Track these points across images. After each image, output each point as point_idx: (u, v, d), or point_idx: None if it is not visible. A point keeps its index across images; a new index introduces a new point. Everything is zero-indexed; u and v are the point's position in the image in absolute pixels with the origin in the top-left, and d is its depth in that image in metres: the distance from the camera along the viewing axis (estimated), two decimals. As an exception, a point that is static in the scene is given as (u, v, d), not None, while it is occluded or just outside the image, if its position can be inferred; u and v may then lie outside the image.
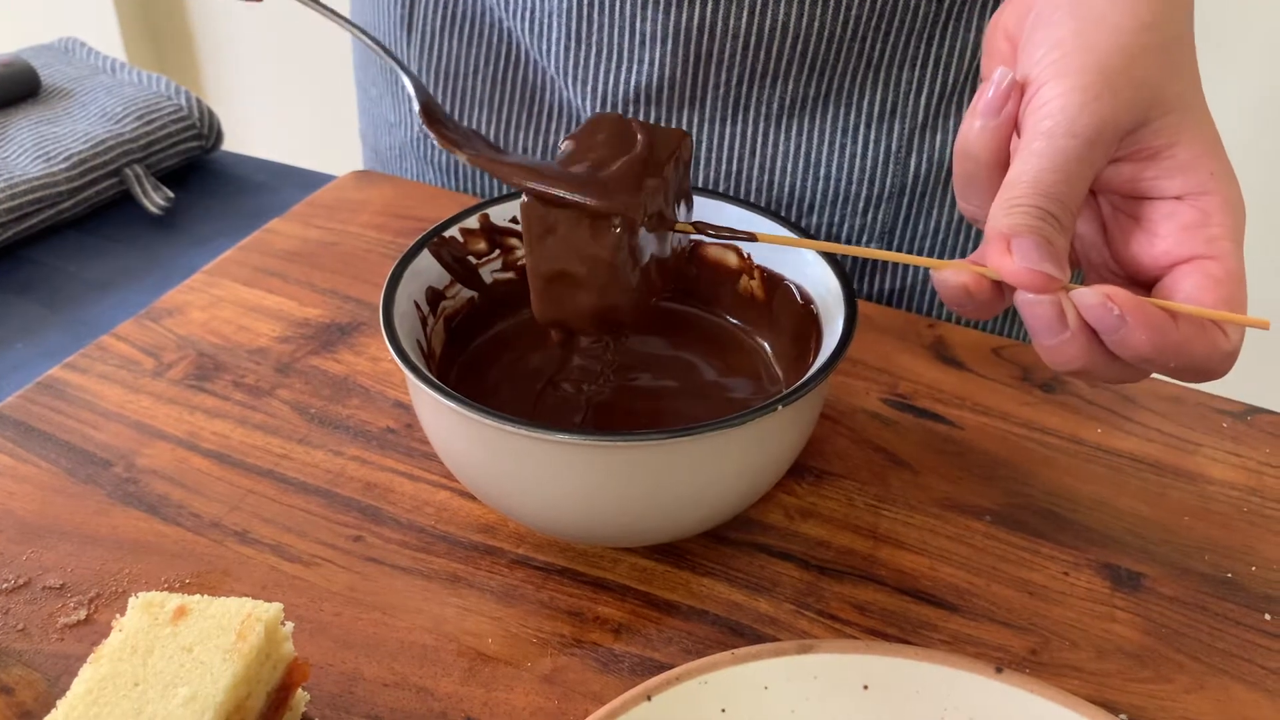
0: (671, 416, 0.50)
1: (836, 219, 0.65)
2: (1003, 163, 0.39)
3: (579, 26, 0.60)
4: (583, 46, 0.61)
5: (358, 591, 0.47)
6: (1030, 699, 0.40)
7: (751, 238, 0.45)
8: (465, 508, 0.51)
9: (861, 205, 0.65)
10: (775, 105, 0.62)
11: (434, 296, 0.50)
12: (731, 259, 0.54)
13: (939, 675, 0.41)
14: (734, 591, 0.47)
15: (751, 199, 0.65)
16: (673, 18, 0.58)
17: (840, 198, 0.64)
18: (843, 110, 0.62)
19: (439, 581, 0.47)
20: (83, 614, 0.45)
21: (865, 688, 0.41)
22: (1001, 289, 0.38)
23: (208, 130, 0.83)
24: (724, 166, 0.64)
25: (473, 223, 0.52)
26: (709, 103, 0.62)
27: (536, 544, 0.49)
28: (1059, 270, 0.36)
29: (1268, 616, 0.47)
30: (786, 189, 0.64)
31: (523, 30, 0.63)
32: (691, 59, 0.59)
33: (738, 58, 0.59)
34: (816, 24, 0.58)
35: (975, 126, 0.40)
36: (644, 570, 0.48)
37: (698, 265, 0.55)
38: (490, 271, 0.54)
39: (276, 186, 0.82)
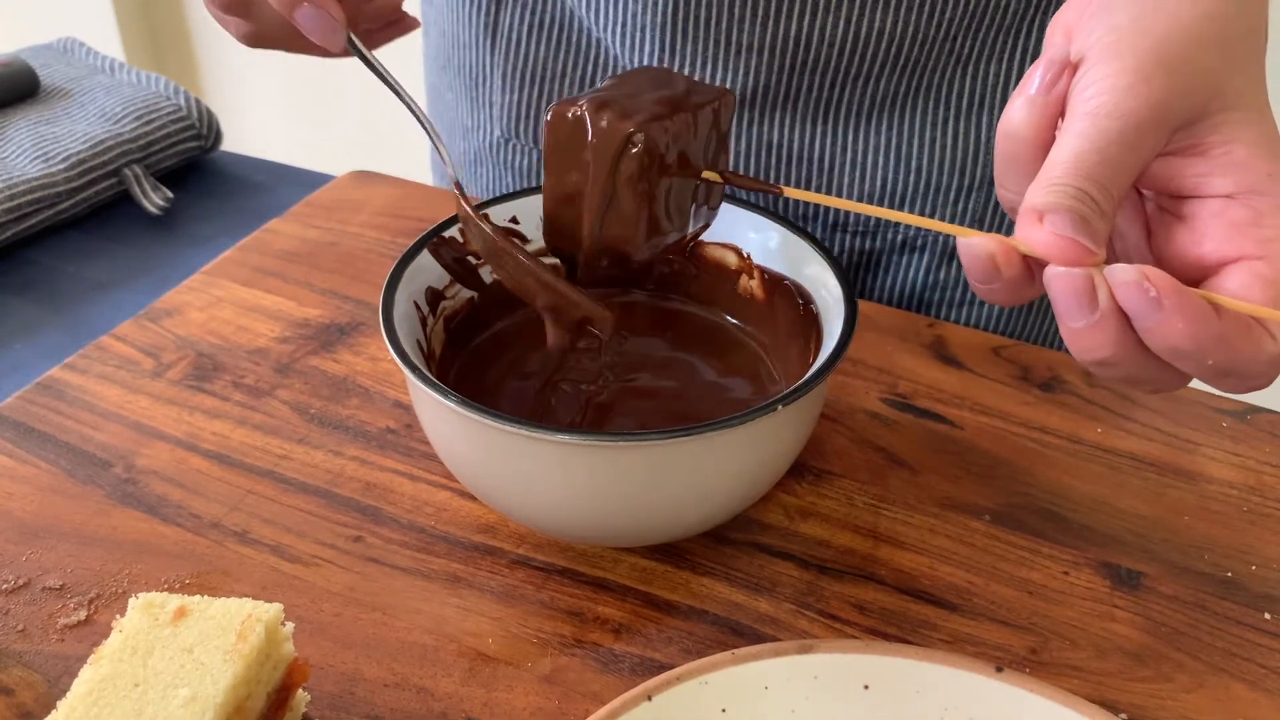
0: (671, 416, 0.50)
1: (928, 210, 0.65)
2: (1045, 145, 0.38)
3: (673, 39, 0.60)
4: (676, 57, 0.60)
5: (358, 592, 0.47)
6: (1030, 698, 0.40)
7: (779, 191, 0.44)
8: (465, 508, 0.51)
9: (953, 196, 0.65)
10: (866, 103, 0.61)
11: (434, 296, 0.50)
12: (731, 259, 0.54)
13: (939, 675, 0.41)
14: (734, 591, 0.47)
15: (843, 196, 0.65)
16: (769, 30, 0.57)
17: (932, 189, 0.64)
18: (932, 104, 0.62)
19: (439, 582, 0.47)
20: (83, 615, 0.45)
21: (865, 687, 0.41)
22: (1031, 269, 0.36)
23: (207, 130, 0.83)
24: (814, 165, 0.64)
25: (472, 223, 0.52)
26: (800, 105, 0.62)
27: (536, 544, 0.49)
28: (1093, 244, 0.34)
29: (1268, 615, 0.47)
30: (878, 183, 0.64)
31: (612, 40, 0.62)
32: (786, 68, 0.59)
33: (831, 63, 0.59)
34: (911, 27, 0.58)
35: (1020, 104, 0.38)
36: (644, 570, 0.48)
37: (697, 265, 0.55)
38: (490, 271, 0.53)
39: (275, 186, 0.82)
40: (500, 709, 0.42)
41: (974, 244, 0.36)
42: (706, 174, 0.45)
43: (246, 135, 1.87)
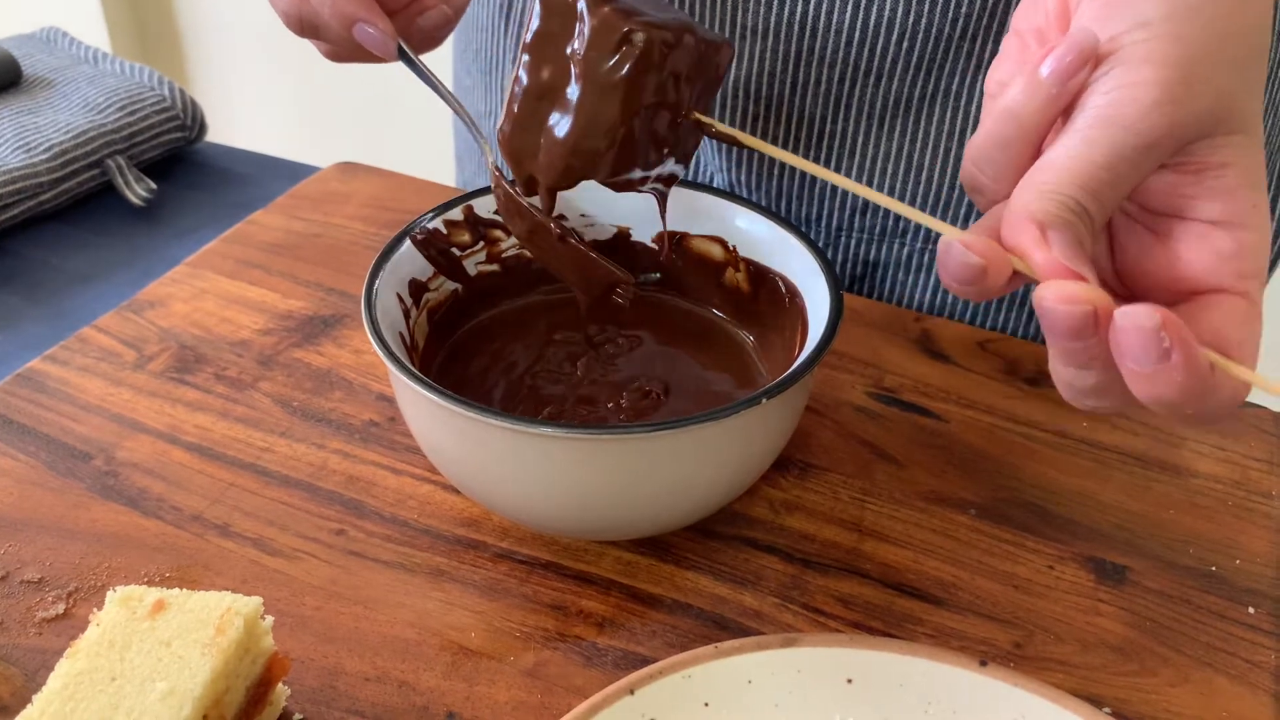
0: (656, 410, 0.50)
1: None
2: (1042, 136, 0.36)
3: None
4: None
5: (339, 585, 0.46)
6: (1014, 692, 0.40)
7: (767, 149, 0.42)
8: (448, 501, 0.50)
9: (963, 211, 0.62)
10: (878, 105, 0.59)
11: (417, 288, 0.50)
12: (717, 251, 0.54)
13: (923, 669, 0.41)
14: (718, 585, 0.47)
15: (847, 202, 0.63)
16: (774, 11, 0.56)
17: (942, 202, 0.62)
18: (950, 113, 0.59)
19: (422, 575, 0.47)
20: (61, 608, 0.45)
21: (849, 681, 0.41)
22: (1013, 276, 0.35)
23: (191, 121, 0.82)
24: (821, 166, 0.62)
25: (456, 214, 0.52)
26: (809, 99, 0.60)
27: (520, 538, 0.49)
28: (1090, 272, 0.33)
29: (1251, 610, 0.47)
30: (885, 191, 0.62)
31: None
32: (793, 55, 0.58)
33: (840, 54, 0.57)
34: (924, 21, 0.55)
35: (1027, 86, 0.35)
36: (628, 564, 0.48)
37: (683, 257, 0.55)
38: (474, 263, 0.53)
39: (260, 178, 0.82)
40: (482, 703, 0.42)
41: (965, 250, 0.34)
42: (696, 115, 0.42)
43: (231, 127, 1.86)
